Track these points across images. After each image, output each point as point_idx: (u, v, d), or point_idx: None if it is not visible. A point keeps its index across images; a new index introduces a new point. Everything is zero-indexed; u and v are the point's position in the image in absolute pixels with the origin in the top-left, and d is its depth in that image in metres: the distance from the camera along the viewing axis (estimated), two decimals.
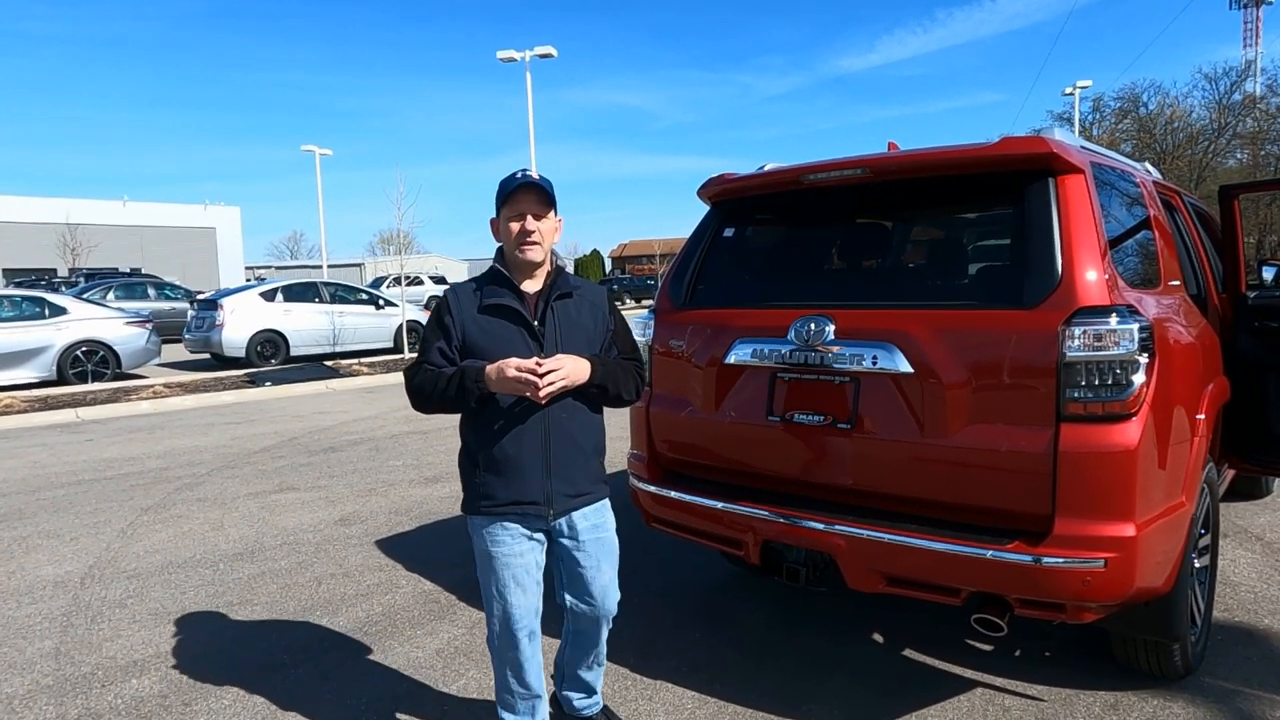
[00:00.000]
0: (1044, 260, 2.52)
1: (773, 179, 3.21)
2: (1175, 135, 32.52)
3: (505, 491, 2.32)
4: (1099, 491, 2.39)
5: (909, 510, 2.73)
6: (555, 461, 2.34)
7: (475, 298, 2.34)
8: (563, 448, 2.35)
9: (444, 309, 2.35)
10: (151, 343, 13.38)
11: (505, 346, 2.27)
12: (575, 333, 2.39)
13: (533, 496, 2.33)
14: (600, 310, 2.48)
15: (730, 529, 3.06)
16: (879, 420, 2.74)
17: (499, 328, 2.31)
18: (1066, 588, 2.41)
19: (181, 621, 3.84)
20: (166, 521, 5.47)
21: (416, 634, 3.64)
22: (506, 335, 2.30)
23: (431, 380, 2.27)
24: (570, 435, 2.36)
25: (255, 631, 3.72)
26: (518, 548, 2.36)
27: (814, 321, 2.87)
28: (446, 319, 2.32)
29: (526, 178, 2.30)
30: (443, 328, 2.32)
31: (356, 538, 5.04)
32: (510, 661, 2.45)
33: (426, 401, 2.30)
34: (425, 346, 2.34)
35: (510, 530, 2.35)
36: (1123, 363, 2.39)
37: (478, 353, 2.29)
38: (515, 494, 2.32)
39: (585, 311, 2.44)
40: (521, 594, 2.38)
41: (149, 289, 20.75)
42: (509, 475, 2.31)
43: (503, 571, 2.35)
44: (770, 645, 3.45)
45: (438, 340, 2.33)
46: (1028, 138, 2.66)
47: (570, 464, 2.37)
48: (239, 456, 7.51)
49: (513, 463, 2.31)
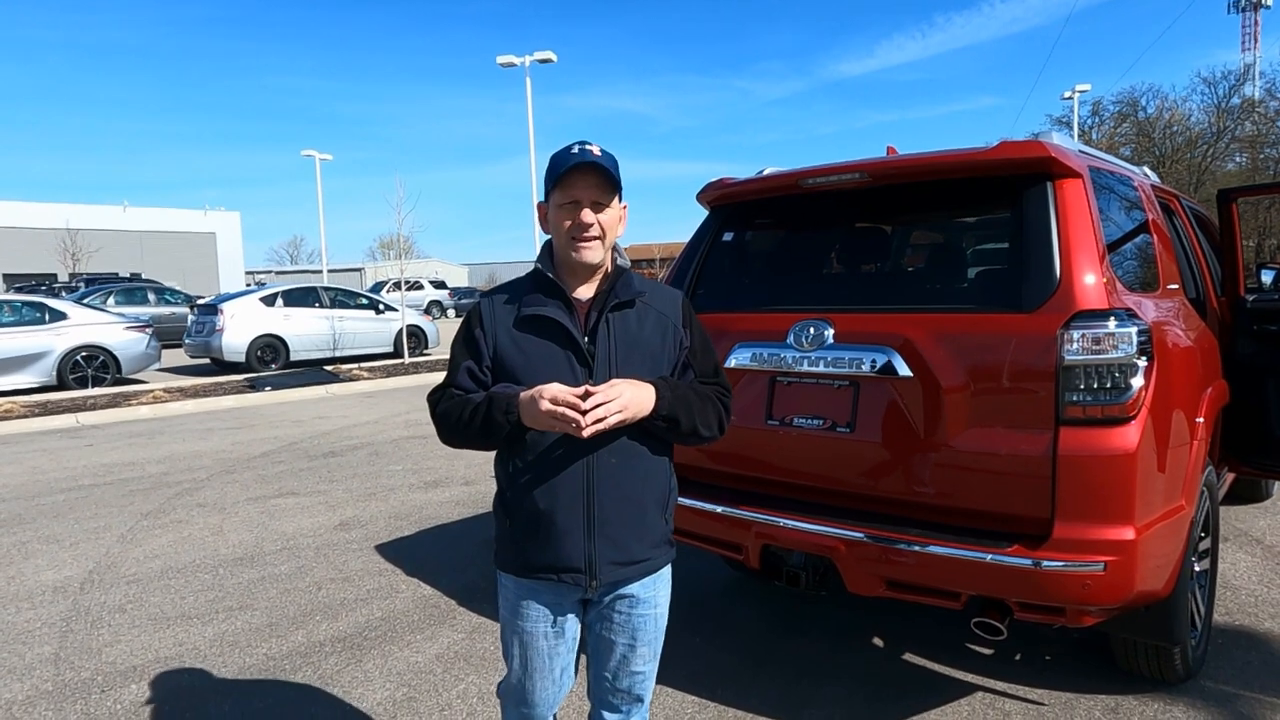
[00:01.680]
0: (1042, 264, 2.53)
1: (771, 183, 3.22)
2: (1174, 139, 32.59)
3: (538, 554, 1.83)
4: (1098, 495, 2.39)
5: (908, 514, 2.73)
6: (601, 520, 1.81)
7: (512, 307, 1.85)
8: (611, 502, 1.81)
9: (474, 320, 1.87)
10: (151, 348, 13.38)
11: (545, 368, 1.79)
12: (635, 352, 1.85)
13: (571, 563, 1.82)
14: (671, 322, 1.91)
15: (730, 533, 3.06)
16: (878, 424, 2.74)
17: (538, 345, 1.82)
18: (1066, 591, 2.41)
19: (181, 626, 3.84)
20: (166, 526, 5.46)
21: (416, 639, 3.64)
22: (547, 354, 1.81)
23: (456, 409, 1.80)
24: (621, 487, 1.82)
25: (255, 636, 3.72)
26: (543, 628, 1.90)
27: (813, 325, 2.87)
28: (477, 332, 1.85)
29: (586, 154, 1.77)
30: (472, 344, 1.86)
31: (356, 543, 5.04)
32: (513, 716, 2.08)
33: (452, 434, 1.84)
34: (453, 367, 1.87)
35: (541, 605, 1.89)
36: (1121, 366, 2.40)
37: (512, 375, 1.81)
38: (549, 558, 1.82)
39: (651, 324, 1.88)
40: (540, 681, 1.95)
41: (149, 294, 20.76)
42: (542, 534, 1.82)
43: (523, 652, 1.92)
44: (770, 650, 3.44)
45: (466, 359, 1.86)
46: (1026, 142, 2.66)
47: (621, 523, 1.83)
48: (239, 461, 7.50)
49: (546, 519, 1.80)
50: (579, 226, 1.78)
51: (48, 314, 12.55)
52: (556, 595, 1.88)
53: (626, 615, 1.92)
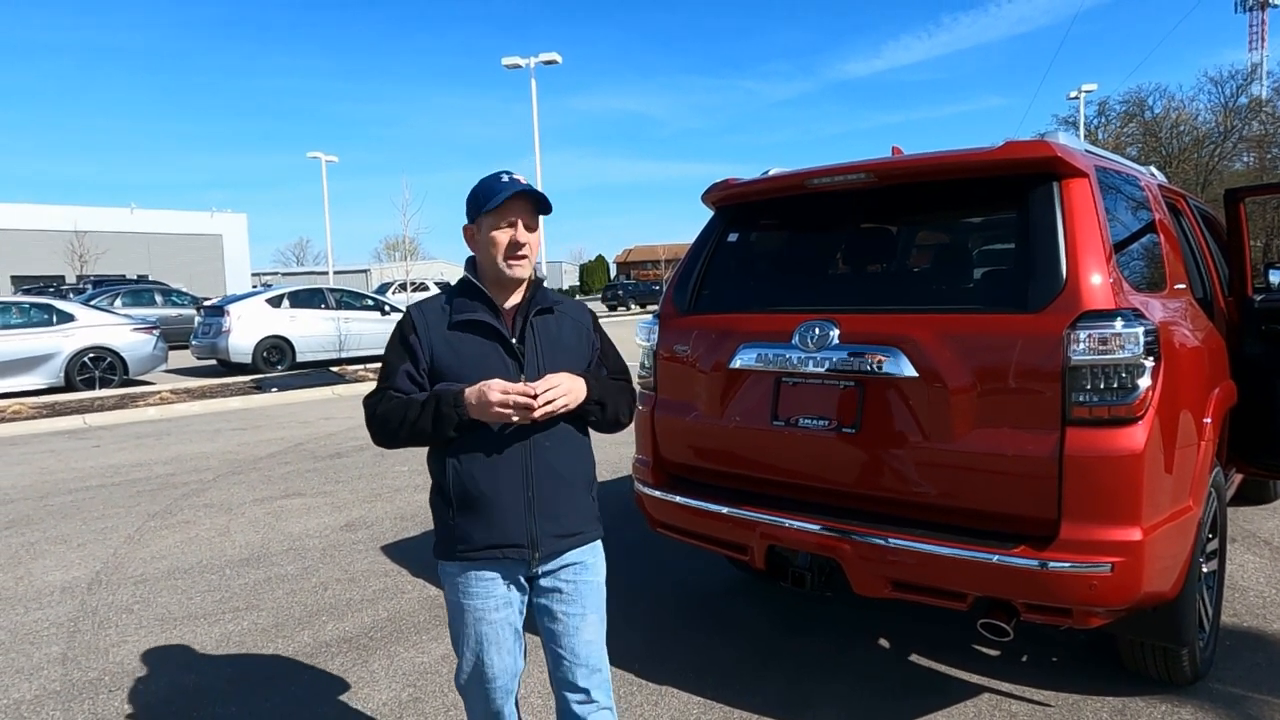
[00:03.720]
0: (1048, 264, 2.52)
1: (777, 184, 3.22)
2: (1181, 139, 32.46)
3: (483, 534, 2.00)
4: (1105, 496, 2.39)
5: (914, 515, 2.72)
6: (540, 498, 2.02)
7: (444, 314, 2.05)
8: (549, 482, 2.03)
9: (408, 327, 2.03)
10: (159, 349, 13.43)
11: (480, 367, 1.98)
12: (557, 351, 2.08)
13: (515, 539, 2.01)
14: (585, 327, 2.19)
15: (735, 534, 3.06)
16: (884, 425, 2.74)
17: (473, 346, 2.02)
18: (1073, 592, 2.40)
19: (188, 627, 3.85)
20: (173, 527, 5.48)
21: (421, 639, 3.65)
22: (481, 354, 2.01)
23: (399, 409, 1.96)
24: (554, 468, 2.04)
25: (261, 637, 3.73)
26: (493, 602, 2.05)
27: (818, 326, 2.87)
28: (411, 338, 2.02)
29: (519, 184, 2.00)
30: (408, 348, 2.02)
31: (362, 543, 5.05)
32: (477, 712, 2.17)
33: (393, 435, 1.99)
34: (389, 371, 2.03)
35: (487, 581, 2.04)
36: (1128, 366, 2.39)
37: (449, 374, 2.00)
38: (495, 537, 2.00)
39: (568, 329, 2.14)
40: (497, 654, 2.07)
41: (156, 295, 20.87)
42: (486, 515, 1.99)
43: (476, 627, 2.05)
44: (775, 649, 3.44)
45: (403, 363, 2.02)
46: (1031, 142, 2.66)
47: (557, 500, 2.05)
48: (245, 462, 7.53)
49: (489, 501, 1.99)
50: (515, 245, 2.01)
51: (55, 316, 12.61)
52: (502, 571, 2.05)
53: (574, 583, 2.10)
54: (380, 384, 2.04)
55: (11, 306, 12.56)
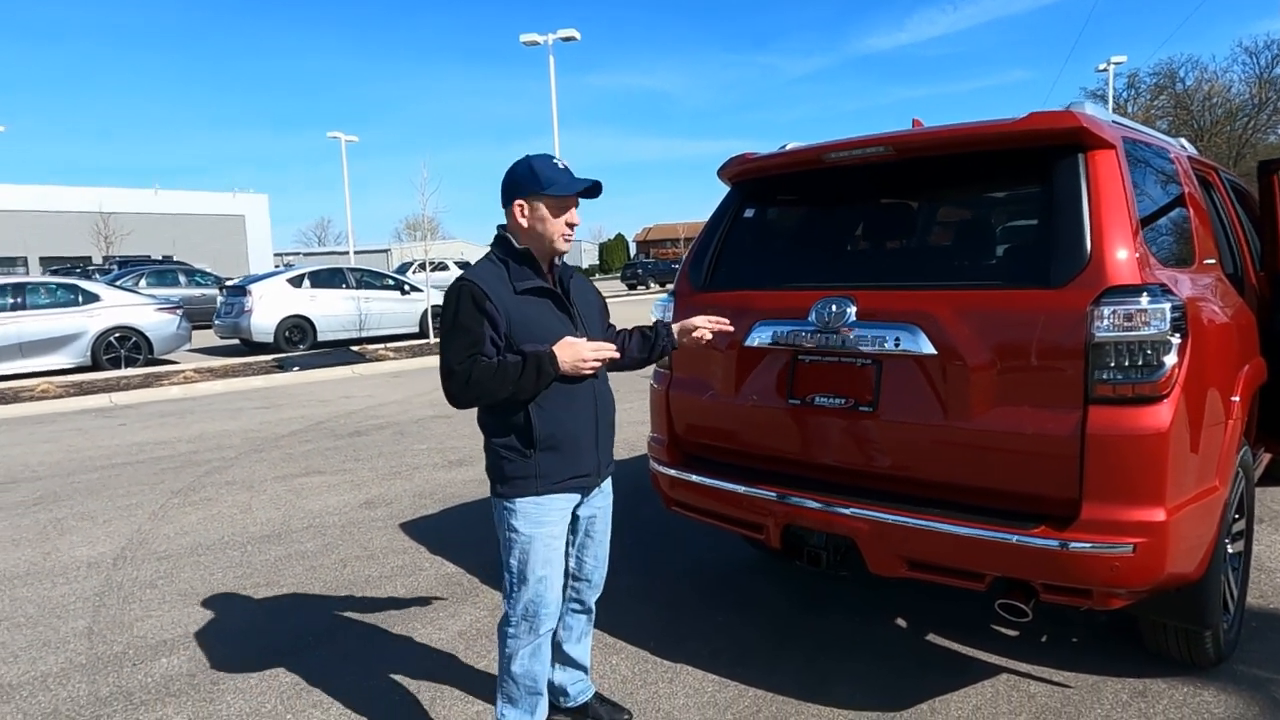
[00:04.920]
0: (1072, 239, 2.46)
1: (794, 158, 3.16)
2: (1213, 111, 31.71)
3: (564, 468, 2.36)
4: (1128, 475, 2.34)
5: (932, 494, 2.68)
6: (601, 431, 2.46)
7: (505, 282, 2.30)
8: (605, 417, 2.48)
9: (480, 297, 2.24)
10: (182, 329, 13.58)
11: (550, 328, 2.31)
12: (591, 311, 2.52)
13: (587, 469, 2.42)
14: (594, 288, 2.65)
15: (750, 513, 3.04)
16: (901, 403, 2.70)
17: (538, 310, 2.33)
18: (1093, 573, 2.36)
19: (210, 602, 3.90)
20: (196, 504, 5.56)
21: (439, 616, 3.67)
22: (545, 316, 2.34)
23: (497, 372, 2.20)
24: (607, 408, 2.50)
25: (281, 612, 3.77)
26: (560, 528, 2.42)
27: (835, 303, 2.82)
28: (488, 306, 2.24)
29: (588, 180, 2.33)
30: (487, 315, 2.24)
31: (381, 521, 5.09)
32: (526, 648, 2.43)
33: (487, 395, 2.25)
34: (475, 338, 2.22)
35: (558, 510, 2.39)
36: (1154, 343, 2.33)
37: (527, 337, 2.27)
38: (572, 469, 2.37)
39: (588, 291, 2.57)
40: (556, 575, 2.43)
41: (180, 276, 21.08)
42: (568, 451, 2.35)
43: (543, 552, 2.37)
44: (793, 627, 3.43)
45: (485, 329, 2.24)
46: (1056, 113, 2.58)
47: (608, 432, 2.51)
48: (267, 440, 7.61)
49: (572, 438, 2.36)
50: (571, 226, 2.38)
51: (81, 296, 12.78)
52: (568, 501, 2.43)
53: (604, 508, 2.61)
54: (466, 350, 2.23)
55: (39, 287, 12.74)
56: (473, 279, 2.28)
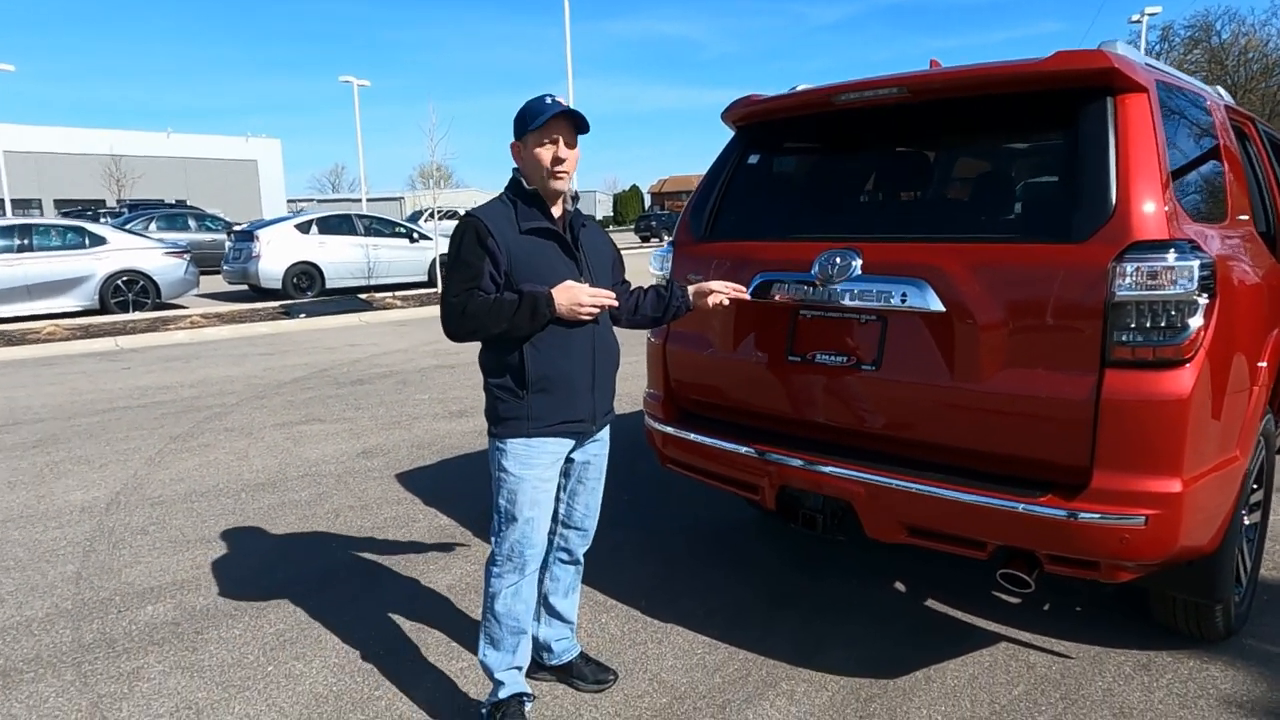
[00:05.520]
0: (1096, 189, 2.28)
1: (802, 100, 2.97)
2: (1250, 66, 30.66)
3: (556, 412, 2.33)
4: (1143, 443, 2.20)
5: (935, 458, 2.56)
6: (599, 378, 2.41)
7: (511, 221, 2.28)
8: (604, 364, 2.42)
9: (483, 232, 2.24)
10: (190, 273, 13.53)
11: (553, 270, 2.28)
12: (600, 258, 2.47)
13: (581, 414, 2.38)
14: (608, 238, 2.58)
15: (746, 473, 2.93)
16: (907, 362, 2.56)
17: (542, 250, 2.29)
18: (1102, 545, 2.24)
19: (200, 549, 3.87)
20: (193, 450, 5.52)
21: (430, 569, 3.62)
22: (552, 258, 2.30)
23: (492, 307, 2.21)
24: (608, 353, 2.43)
25: (270, 561, 3.73)
26: (550, 472, 2.40)
27: (839, 255, 2.67)
28: (490, 242, 2.23)
29: (561, 105, 2.26)
30: (488, 251, 2.24)
31: (377, 470, 5.03)
32: (509, 587, 2.41)
33: (480, 329, 2.25)
34: (474, 272, 2.23)
35: (549, 454, 2.37)
36: (1179, 303, 2.17)
37: (526, 276, 2.25)
38: (566, 413, 2.34)
39: (601, 240, 2.53)
40: (544, 517, 2.42)
41: (190, 220, 20.98)
42: (561, 394, 2.32)
43: (531, 493, 2.35)
44: (788, 589, 3.35)
45: (485, 264, 2.24)
46: (1086, 52, 2.38)
47: (607, 380, 2.45)
48: (269, 387, 7.56)
49: (566, 382, 2.32)
50: (557, 160, 2.27)
51: (88, 238, 12.72)
52: (561, 446, 2.39)
53: (599, 456, 2.57)
54: (464, 284, 2.22)
55: (46, 229, 12.69)
56: (478, 215, 2.29)
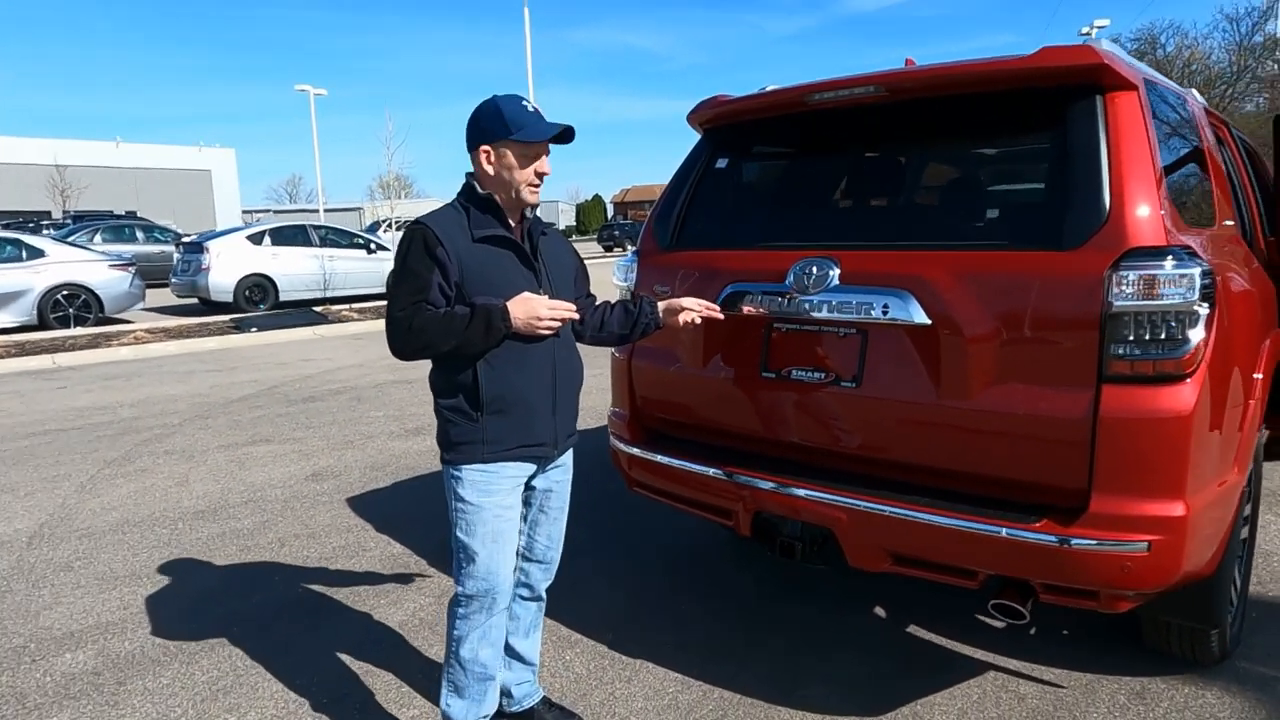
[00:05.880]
0: (1089, 193, 2.14)
1: (773, 100, 2.80)
2: (1193, 78, 31.47)
3: (514, 435, 2.15)
4: (1145, 464, 2.05)
5: (920, 480, 2.40)
6: (560, 399, 2.23)
7: (463, 229, 2.10)
8: (566, 385, 2.25)
9: (432, 241, 2.05)
10: (135, 287, 13.00)
11: (508, 282, 2.11)
12: (562, 269, 2.31)
13: (541, 438, 2.20)
14: (570, 248, 2.41)
15: (719, 497, 2.74)
16: (889, 378, 2.40)
17: (497, 261, 2.12)
18: (1102, 574, 2.09)
19: (130, 586, 3.56)
20: (129, 475, 5.18)
21: (380, 603, 3.36)
22: (509, 269, 2.13)
23: (442, 322, 2.02)
24: (570, 372, 2.27)
25: (207, 598, 3.44)
26: (510, 499, 2.21)
27: (816, 265, 2.50)
28: (439, 251, 2.04)
29: (558, 126, 2.09)
30: (437, 261, 2.05)
31: (327, 495, 4.75)
32: (476, 631, 2.22)
33: (429, 346, 2.06)
34: (421, 284, 2.04)
35: (509, 479, 2.18)
36: (1179, 314, 2.03)
37: (481, 289, 2.07)
38: (524, 437, 2.16)
39: (562, 249, 2.36)
40: (509, 549, 2.23)
41: (137, 232, 20.27)
42: (519, 417, 2.14)
43: (492, 524, 2.16)
44: (765, 619, 3.16)
45: (434, 275, 2.05)
46: (1073, 47, 2.25)
47: (570, 401, 2.28)
48: (215, 406, 7.20)
49: (525, 403, 2.15)
50: (540, 176, 2.13)
51: (25, 251, 12.15)
52: (521, 470, 2.21)
53: (562, 483, 2.38)
54: (411, 297, 2.05)
55: None
56: (426, 222, 2.10)
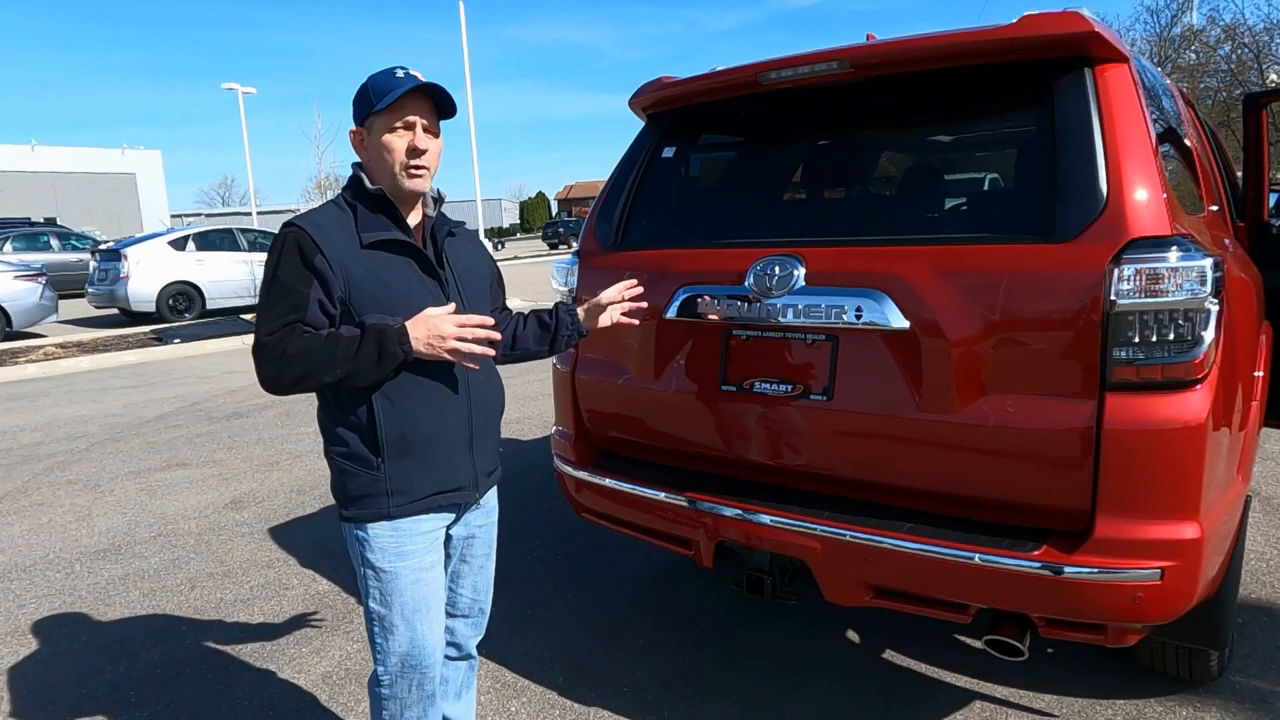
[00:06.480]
0: (1084, 177, 1.90)
1: (724, 81, 2.51)
2: None
3: (425, 481, 1.79)
4: (1155, 482, 1.82)
5: (902, 504, 2.14)
6: (478, 433, 1.88)
7: (349, 231, 1.72)
8: (483, 415, 1.90)
9: (309, 248, 1.66)
10: (46, 298, 12.19)
11: (409, 295, 1.73)
12: (475, 278, 1.93)
13: (458, 481, 1.85)
14: (484, 251, 2.05)
15: (677, 525, 2.45)
16: (864, 390, 2.13)
17: (394, 271, 1.74)
18: (1110, 606, 1.86)
19: (6, 647, 3.12)
20: (23, 511, 4.67)
21: (301, 652, 2.99)
22: (404, 280, 1.75)
23: (324, 348, 1.63)
24: (488, 400, 1.92)
25: (100, 656, 3.02)
26: (430, 558, 1.84)
27: (778, 263, 2.22)
28: (318, 260, 1.66)
29: (415, 79, 1.71)
30: (316, 272, 1.66)
31: (247, 524, 4.33)
32: (409, 710, 1.89)
33: (308, 377, 1.65)
34: (296, 301, 1.66)
35: (426, 535, 1.82)
36: (1188, 312, 1.80)
37: (373, 304, 1.70)
38: (438, 482, 1.81)
39: (474, 253, 1.98)
40: (435, 616, 1.87)
41: (51, 240, 19.15)
42: (429, 459, 1.79)
43: (411, 590, 1.81)
44: (733, 648, 2.89)
45: (312, 289, 1.67)
46: (1060, 14, 2.00)
47: (489, 435, 1.94)
48: (128, 427, 6.66)
49: (435, 442, 1.79)
50: (415, 151, 1.72)
51: None
52: (438, 522, 1.86)
53: (485, 528, 2.03)
54: (284, 316, 1.65)
55: None
56: (301, 224, 1.70)
